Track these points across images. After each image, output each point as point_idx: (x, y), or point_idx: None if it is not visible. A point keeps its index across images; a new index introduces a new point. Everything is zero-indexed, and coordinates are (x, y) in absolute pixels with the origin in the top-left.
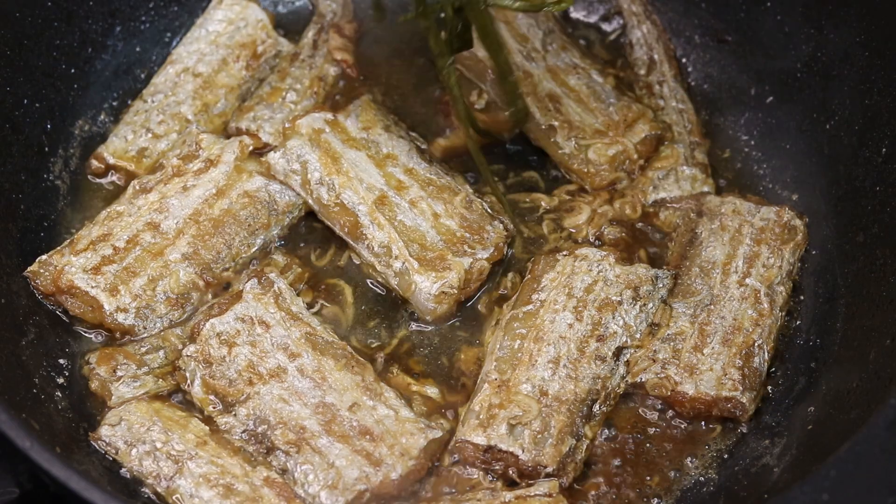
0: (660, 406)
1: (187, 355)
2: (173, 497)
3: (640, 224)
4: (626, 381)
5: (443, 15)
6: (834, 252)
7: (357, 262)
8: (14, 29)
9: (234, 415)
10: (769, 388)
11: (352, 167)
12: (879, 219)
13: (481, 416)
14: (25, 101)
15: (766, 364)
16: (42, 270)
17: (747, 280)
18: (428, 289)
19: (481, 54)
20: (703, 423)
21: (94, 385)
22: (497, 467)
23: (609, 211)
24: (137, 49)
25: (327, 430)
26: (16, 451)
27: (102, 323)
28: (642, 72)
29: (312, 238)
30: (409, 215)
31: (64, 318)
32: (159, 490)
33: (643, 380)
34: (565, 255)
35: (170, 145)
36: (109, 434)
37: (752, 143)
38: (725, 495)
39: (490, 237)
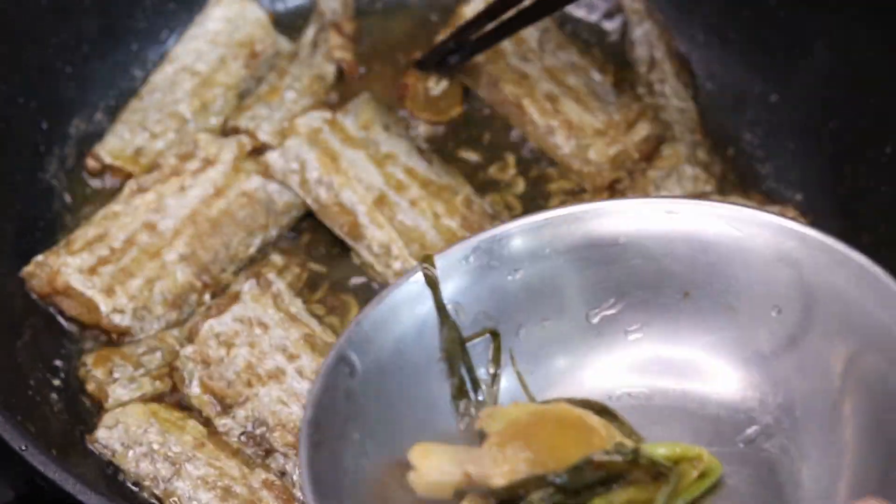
0: None
1: (185, 356)
2: (171, 499)
3: None
4: None
5: None
6: None
7: (356, 262)
8: (8, 26)
9: (233, 416)
10: None
11: (351, 166)
12: (885, 219)
13: None
14: (20, 99)
15: None
16: (37, 271)
17: None
18: None
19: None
20: None
21: (90, 387)
22: None
23: None
24: (134, 47)
25: None
26: (11, 454)
27: (99, 324)
28: (643, 70)
29: (311, 238)
30: (409, 215)
31: (60, 320)
32: (157, 492)
33: None
34: None
35: (167, 144)
36: (106, 436)
37: (756, 142)
38: None
39: None
